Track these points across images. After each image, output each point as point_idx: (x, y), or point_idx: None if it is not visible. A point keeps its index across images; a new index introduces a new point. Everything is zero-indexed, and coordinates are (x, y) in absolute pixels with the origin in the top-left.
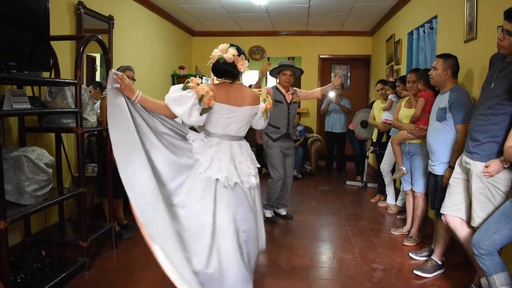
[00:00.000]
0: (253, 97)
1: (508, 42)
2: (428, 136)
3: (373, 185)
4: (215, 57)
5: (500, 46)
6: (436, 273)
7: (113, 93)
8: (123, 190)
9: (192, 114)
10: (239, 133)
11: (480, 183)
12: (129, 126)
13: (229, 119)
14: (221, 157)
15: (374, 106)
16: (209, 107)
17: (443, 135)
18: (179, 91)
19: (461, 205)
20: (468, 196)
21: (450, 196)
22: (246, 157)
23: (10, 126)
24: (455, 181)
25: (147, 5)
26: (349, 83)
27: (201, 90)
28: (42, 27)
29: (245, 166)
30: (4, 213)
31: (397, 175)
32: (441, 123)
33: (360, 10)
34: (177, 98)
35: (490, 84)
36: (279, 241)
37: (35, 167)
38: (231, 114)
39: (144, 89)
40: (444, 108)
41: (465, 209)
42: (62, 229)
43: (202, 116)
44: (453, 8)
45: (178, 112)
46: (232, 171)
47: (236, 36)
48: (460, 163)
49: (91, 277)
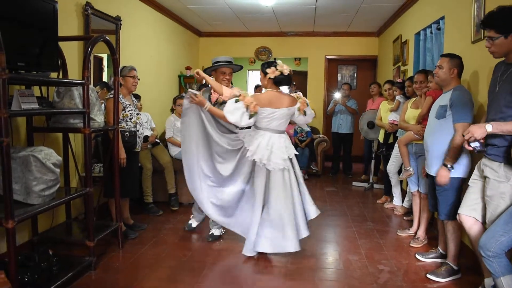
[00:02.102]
0: (290, 100)
1: (495, 46)
2: (425, 134)
3: (380, 186)
4: (277, 72)
5: (492, 52)
6: (451, 278)
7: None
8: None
9: (242, 119)
10: (279, 128)
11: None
12: (198, 128)
13: (270, 118)
14: (261, 144)
15: (381, 107)
16: (255, 112)
17: (439, 133)
18: (233, 104)
19: (476, 205)
20: (483, 198)
21: (467, 197)
22: (282, 146)
23: (18, 126)
24: (474, 182)
25: (154, 6)
26: (355, 84)
27: (247, 101)
28: (50, 27)
29: (280, 152)
30: (12, 213)
31: (403, 176)
32: (439, 120)
33: (367, 11)
34: (232, 110)
35: (495, 88)
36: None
37: (42, 167)
38: (272, 115)
39: (151, 89)
40: (445, 106)
41: (480, 209)
42: (69, 229)
43: (251, 119)
44: (460, 9)
45: (232, 120)
46: (265, 155)
47: (243, 37)
48: (478, 166)
49: (97, 276)
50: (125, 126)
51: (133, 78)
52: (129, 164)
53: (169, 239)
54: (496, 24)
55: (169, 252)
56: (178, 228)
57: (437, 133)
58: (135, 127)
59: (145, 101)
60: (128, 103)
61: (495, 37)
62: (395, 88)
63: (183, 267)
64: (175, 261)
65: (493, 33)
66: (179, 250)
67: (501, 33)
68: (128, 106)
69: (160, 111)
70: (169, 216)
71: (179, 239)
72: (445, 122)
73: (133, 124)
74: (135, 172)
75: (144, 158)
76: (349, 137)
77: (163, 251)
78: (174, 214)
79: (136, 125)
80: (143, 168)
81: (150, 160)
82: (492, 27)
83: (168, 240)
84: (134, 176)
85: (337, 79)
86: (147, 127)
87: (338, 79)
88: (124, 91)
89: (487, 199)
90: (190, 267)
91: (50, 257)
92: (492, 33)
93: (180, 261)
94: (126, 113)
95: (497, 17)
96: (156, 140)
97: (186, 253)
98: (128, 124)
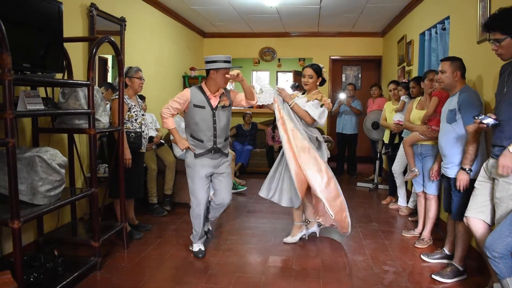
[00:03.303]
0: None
1: (502, 48)
2: (440, 138)
3: (385, 186)
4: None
5: (499, 55)
6: (456, 279)
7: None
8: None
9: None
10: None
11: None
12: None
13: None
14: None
15: (385, 107)
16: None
17: (453, 137)
18: (319, 108)
19: (484, 208)
20: (492, 200)
21: (474, 199)
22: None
23: (23, 127)
24: (480, 184)
25: (158, 6)
26: (360, 84)
27: (329, 106)
28: (55, 29)
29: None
30: (17, 213)
31: (409, 176)
32: (451, 125)
33: (371, 11)
34: (320, 114)
35: (503, 89)
36: (290, 243)
37: (48, 167)
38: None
39: (155, 90)
40: (454, 110)
41: (488, 212)
42: (74, 229)
43: None
44: (466, 9)
45: (322, 122)
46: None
47: (247, 38)
48: (485, 167)
49: (102, 276)
50: (130, 127)
51: (139, 79)
52: (134, 164)
53: (174, 239)
54: (500, 25)
55: (174, 253)
56: (182, 229)
57: (450, 137)
58: (140, 128)
59: (149, 101)
60: (133, 104)
61: (501, 39)
62: (400, 88)
63: (188, 268)
64: (180, 261)
65: (498, 35)
66: (184, 251)
67: (507, 34)
68: (134, 107)
69: None
70: (174, 216)
71: (184, 239)
72: (457, 125)
73: (138, 125)
74: (140, 173)
75: (149, 158)
76: (353, 137)
77: (168, 251)
78: (179, 214)
79: (141, 126)
80: (148, 168)
81: (155, 160)
82: (497, 29)
83: (173, 240)
84: (139, 177)
85: (341, 79)
86: (152, 127)
87: (342, 79)
88: (129, 92)
89: (496, 201)
90: (195, 268)
91: (56, 257)
92: (497, 35)
93: (185, 262)
94: (131, 114)
95: (500, 18)
96: (161, 141)
97: (191, 253)
98: (133, 125)
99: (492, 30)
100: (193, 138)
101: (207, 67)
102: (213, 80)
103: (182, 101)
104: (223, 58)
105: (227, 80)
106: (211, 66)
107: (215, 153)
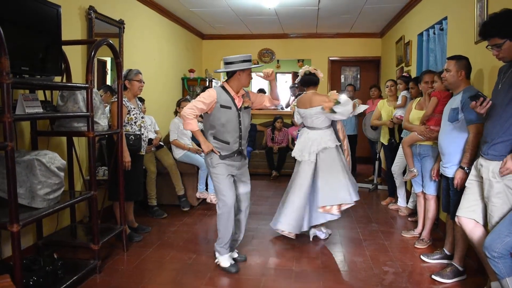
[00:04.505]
0: (317, 101)
1: (504, 52)
2: (440, 137)
3: (384, 187)
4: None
5: (501, 58)
6: (456, 279)
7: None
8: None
9: None
10: (312, 125)
11: (497, 185)
12: None
13: (303, 117)
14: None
15: (379, 105)
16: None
17: (454, 137)
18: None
19: (475, 207)
20: (483, 199)
21: (465, 198)
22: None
23: (22, 130)
24: (470, 183)
25: (157, 9)
26: (359, 85)
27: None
28: (54, 32)
29: (313, 147)
30: (17, 216)
31: (408, 177)
32: (453, 123)
33: (369, 12)
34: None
35: (497, 87)
36: (289, 244)
37: (47, 170)
38: (303, 114)
39: (155, 92)
40: (457, 109)
41: (480, 211)
42: (73, 232)
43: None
44: (463, 9)
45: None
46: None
47: (246, 39)
48: (475, 166)
49: (102, 279)
50: (130, 129)
51: (139, 82)
52: (133, 167)
53: (174, 242)
54: (497, 30)
55: (174, 255)
56: (182, 231)
57: (451, 136)
58: (139, 130)
59: (148, 104)
60: (133, 106)
61: (501, 43)
62: (400, 81)
63: (188, 270)
64: (180, 264)
65: (497, 40)
66: (184, 253)
67: (506, 37)
68: (133, 110)
69: (163, 113)
70: (174, 219)
71: (183, 241)
72: (458, 124)
73: (137, 128)
74: (139, 175)
75: (148, 161)
76: (353, 138)
77: (167, 254)
78: (179, 216)
79: (140, 129)
80: (147, 171)
81: (154, 163)
82: (494, 35)
83: (173, 243)
84: (139, 179)
85: (340, 80)
86: (151, 130)
87: (341, 80)
88: (129, 95)
89: (485, 199)
90: (195, 270)
91: (55, 260)
92: (496, 40)
93: (185, 264)
94: (131, 116)
95: (495, 24)
96: (160, 143)
97: (191, 256)
98: (133, 127)
99: (490, 36)
100: (218, 140)
101: (237, 68)
102: (238, 80)
103: (208, 102)
104: (248, 57)
105: (250, 79)
106: (240, 67)
107: (238, 155)
